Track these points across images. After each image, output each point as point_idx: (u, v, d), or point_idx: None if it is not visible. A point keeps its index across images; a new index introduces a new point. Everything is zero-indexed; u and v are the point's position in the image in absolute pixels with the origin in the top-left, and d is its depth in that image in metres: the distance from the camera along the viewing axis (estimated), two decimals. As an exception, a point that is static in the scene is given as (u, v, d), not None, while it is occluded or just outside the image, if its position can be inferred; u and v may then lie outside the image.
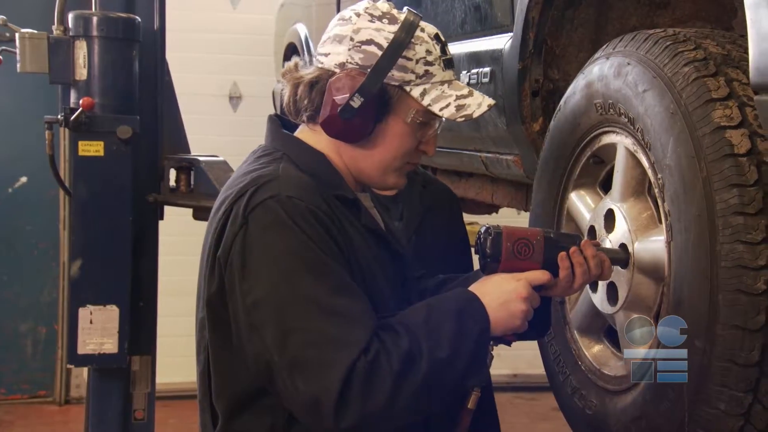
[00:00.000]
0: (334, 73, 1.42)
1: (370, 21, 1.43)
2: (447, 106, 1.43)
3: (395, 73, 1.41)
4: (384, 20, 1.43)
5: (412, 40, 1.42)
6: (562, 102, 1.83)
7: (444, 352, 1.33)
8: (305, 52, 4.03)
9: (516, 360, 5.18)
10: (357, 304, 1.33)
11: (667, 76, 1.46)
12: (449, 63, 1.47)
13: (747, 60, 1.27)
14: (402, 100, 1.43)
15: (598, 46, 1.80)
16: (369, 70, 1.40)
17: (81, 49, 2.71)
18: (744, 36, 1.31)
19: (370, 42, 1.41)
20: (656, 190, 1.51)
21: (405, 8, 1.47)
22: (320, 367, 1.29)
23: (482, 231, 1.48)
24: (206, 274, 1.41)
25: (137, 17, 2.82)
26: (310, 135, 1.49)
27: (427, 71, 1.43)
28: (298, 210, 1.34)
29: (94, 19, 2.73)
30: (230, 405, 1.42)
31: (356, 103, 1.39)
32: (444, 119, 1.46)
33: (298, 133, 1.51)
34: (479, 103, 1.46)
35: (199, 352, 1.47)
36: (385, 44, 1.41)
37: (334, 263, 1.34)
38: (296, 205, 1.35)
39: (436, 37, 1.46)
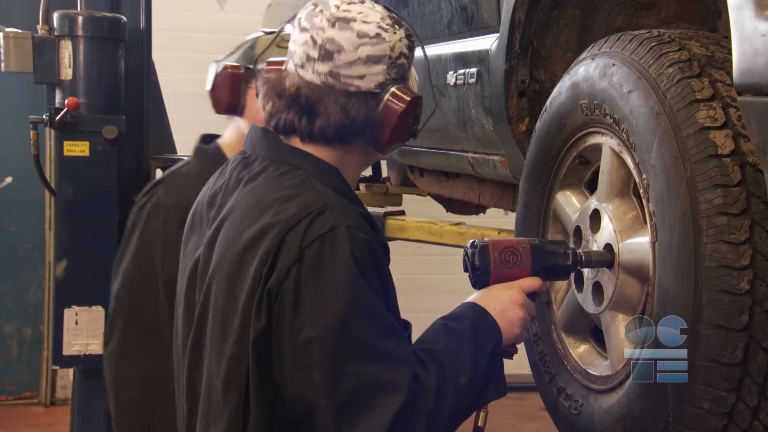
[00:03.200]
0: (375, 93, 1.42)
1: (394, 33, 1.43)
2: None
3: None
4: (396, 26, 1.44)
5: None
6: (548, 102, 1.83)
7: (466, 377, 1.37)
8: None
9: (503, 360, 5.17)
10: (399, 344, 1.34)
11: (651, 77, 1.46)
12: None
13: (730, 61, 1.27)
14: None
15: (584, 47, 1.80)
16: (407, 79, 1.47)
17: (66, 49, 2.70)
18: (727, 37, 1.31)
19: (401, 55, 1.45)
20: (641, 191, 1.51)
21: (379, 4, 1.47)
22: (367, 413, 1.28)
23: (468, 247, 1.50)
24: (252, 309, 1.33)
25: (123, 17, 2.82)
26: (313, 148, 1.44)
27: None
28: (357, 242, 1.32)
29: (80, 18, 2.72)
30: None
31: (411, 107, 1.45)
32: None
33: (295, 146, 1.46)
34: None
35: (229, 389, 1.37)
36: (408, 52, 1.46)
37: (380, 301, 1.34)
38: (355, 236, 1.33)
39: None
